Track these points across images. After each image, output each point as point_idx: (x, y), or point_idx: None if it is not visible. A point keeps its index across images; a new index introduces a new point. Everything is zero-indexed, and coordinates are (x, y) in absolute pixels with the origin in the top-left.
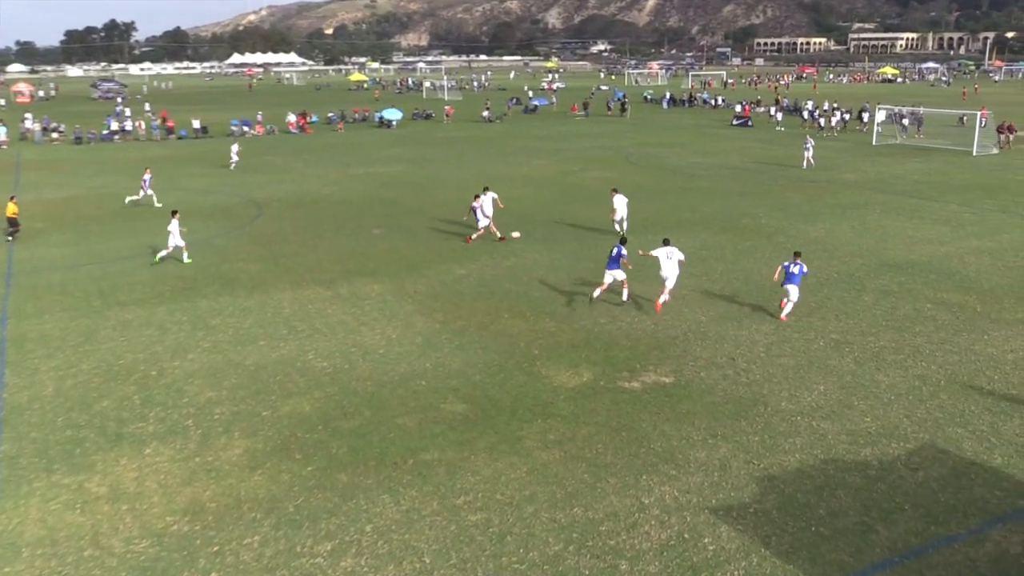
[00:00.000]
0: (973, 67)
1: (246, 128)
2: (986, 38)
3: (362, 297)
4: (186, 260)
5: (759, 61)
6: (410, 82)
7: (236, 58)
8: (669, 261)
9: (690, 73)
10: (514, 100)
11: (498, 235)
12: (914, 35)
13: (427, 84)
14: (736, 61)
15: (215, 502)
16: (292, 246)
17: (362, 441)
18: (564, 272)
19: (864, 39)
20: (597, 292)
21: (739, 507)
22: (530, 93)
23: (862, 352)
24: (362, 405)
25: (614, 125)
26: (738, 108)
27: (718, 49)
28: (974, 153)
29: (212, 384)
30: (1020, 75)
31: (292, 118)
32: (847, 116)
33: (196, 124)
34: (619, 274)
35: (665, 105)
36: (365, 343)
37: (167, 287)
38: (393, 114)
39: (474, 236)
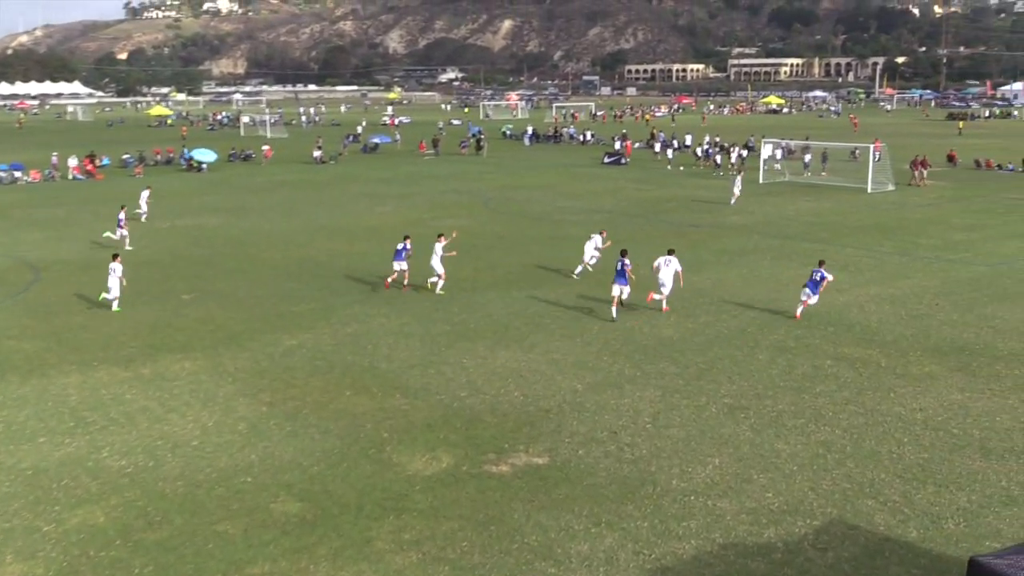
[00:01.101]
0: (863, 95)
1: (17, 173)
2: (875, 63)
3: (169, 378)
4: None
5: (631, 90)
6: (224, 117)
7: (3, 88)
8: (667, 268)
9: (554, 104)
10: (351, 137)
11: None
12: (799, 61)
13: (245, 119)
14: (605, 90)
15: None
16: (79, 318)
17: (172, 556)
18: (416, 338)
19: (746, 65)
20: (614, 310)
21: None
22: (359, 128)
23: (759, 418)
24: (171, 511)
25: (469, 165)
26: (618, 145)
27: (584, 77)
28: (869, 190)
29: None
30: (917, 103)
31: (74, 162)
32: (744, 152)
33: None
34: (627, 288)
35: (527, 141)
36: (174, 434)
37: None
38: (205, 155)
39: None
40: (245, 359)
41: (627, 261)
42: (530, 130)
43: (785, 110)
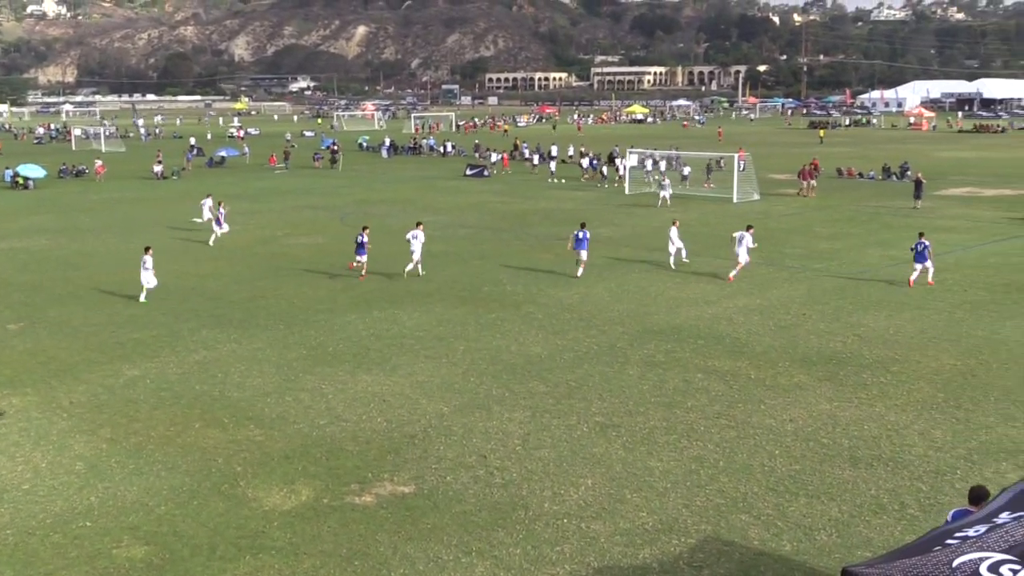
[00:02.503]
0: (727, 104)
1: None
2: (737, 72)
3: None
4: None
5: (492, 99)
6: (53, 129)
7: None
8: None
9: (412, 115)
10: (195, 150)
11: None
12: (662, 69)
13: (77, 132)
14: (466, 100)
15: None
16: None
17: None
18: (271, 364)
19: (609, 73)
20: (580, 271)
21: None
22: (190, 141)
23: (631, 435)
24: (0, 563)
25: (324, 179)
26: (495, 157)
27: (444, 86)
28: (735, 200)
29: None
30: (780, 111)
31: None
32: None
33: None
34: (584, 254)
35: (385, 154)
36: (2, 478)
37: None
38: (32, 171)
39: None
40: (82, 392)
41: (587, 233)
42: (388, 141)
43: (650, 119)
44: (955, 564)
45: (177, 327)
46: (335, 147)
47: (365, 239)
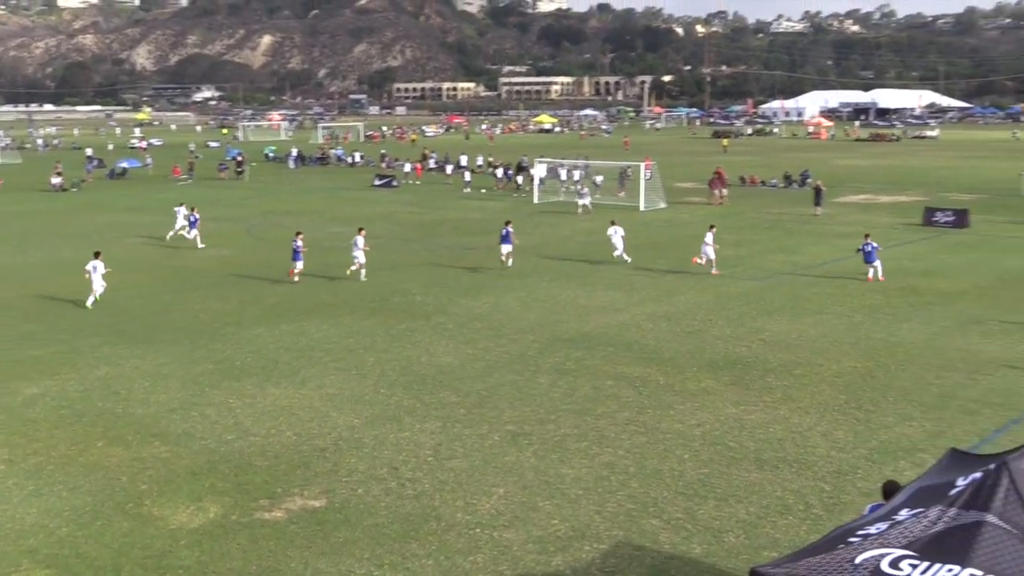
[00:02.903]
0: (633, 114)
1: None
2: (643, 82)
3: None
4: None
5: (400, 109)
6: None
7: None
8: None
9: (320, 125)
10: (95, 162)
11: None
12: (569, 79)
13: None
14: (374, 110)
15: None
16: None
17: None
18: (176, 379)
19: (516, 84)
20: (509, 262)
21: None
22: (87, 152)
23: (542, 443)
24: None
25: (230, 190)
26: (408, 167)
27: (352, 96)
28: (641, 208)
29: None
30: (684, 121)
31: None
32: (536, 173)
33: None
34: (508, 248)
35: (292, 164)
36: None
37: None
38: None
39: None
40: None
41: (512, 229)
42: (295, 152)
43: (558, 129)
44: (858, 561)
45: (78, 343)
46: (241, 158)
47: (300, 244)
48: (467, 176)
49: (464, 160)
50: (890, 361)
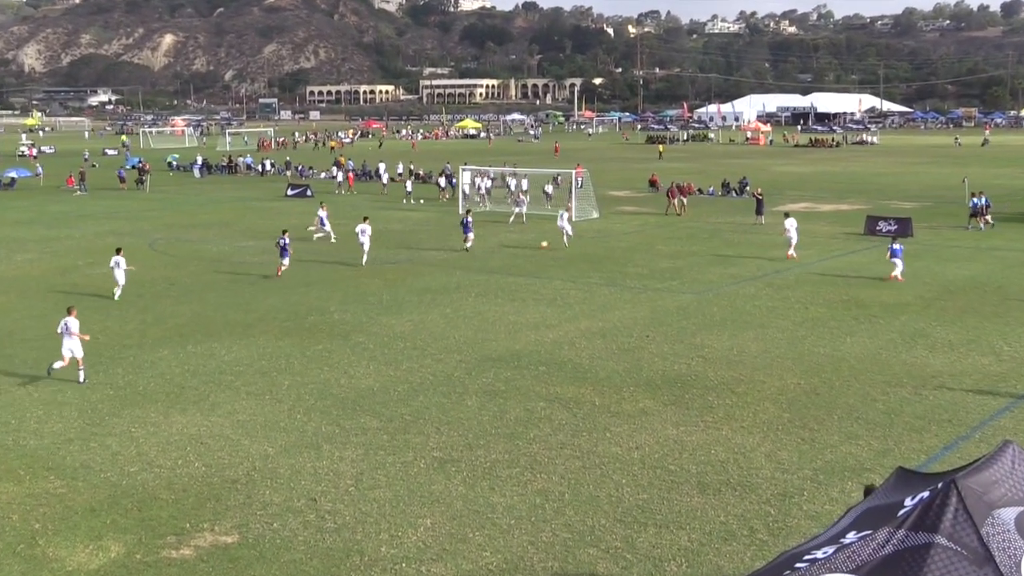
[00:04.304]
0: (563, 118)
1: None
2: (573, 85)
3: None
4: None
5: (314, 114)
6: None
7: None
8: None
9: (227, 131)
10: None
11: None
12: (495, 82)
13: None
14: (286, 115)
15: None
16: None
17: None
18: (73, 407)
19: (439, 87)
20: (468, 244)
21: None
22: None
23: (471, 470)
24: None
25: (130, 201)
26: (340, 176)
27: (262, 100)
28: (573, 218)
29: None
30: (617, 125)
31: None
32: (489, 183)
33: None
34: (471, 235)
35: (198, 173)
36: None
37: None
38: None
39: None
40: None
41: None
42: (200, 160)
43: (483, 134)
44: None
45: None
46: (142, 165)
47: (287, 241)
48: (408, 186)
49: (383, 168)
50: (835, 377)
